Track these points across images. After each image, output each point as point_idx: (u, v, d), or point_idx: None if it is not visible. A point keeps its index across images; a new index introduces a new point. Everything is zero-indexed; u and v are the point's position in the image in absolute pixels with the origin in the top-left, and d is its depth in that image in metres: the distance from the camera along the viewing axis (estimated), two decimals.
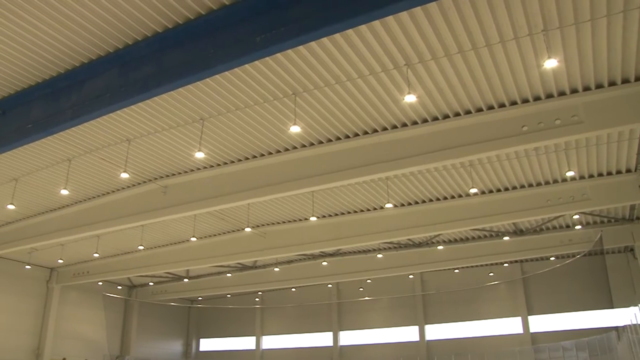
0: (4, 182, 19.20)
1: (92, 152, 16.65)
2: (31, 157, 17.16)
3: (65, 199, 20.55)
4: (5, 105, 13.97)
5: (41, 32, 11.38)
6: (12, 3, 10.58)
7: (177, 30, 11.08)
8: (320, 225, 22.37)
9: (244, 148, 16.27)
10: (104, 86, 11.98)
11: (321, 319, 37.18)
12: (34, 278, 31.68)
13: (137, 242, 25.50)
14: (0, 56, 12.23)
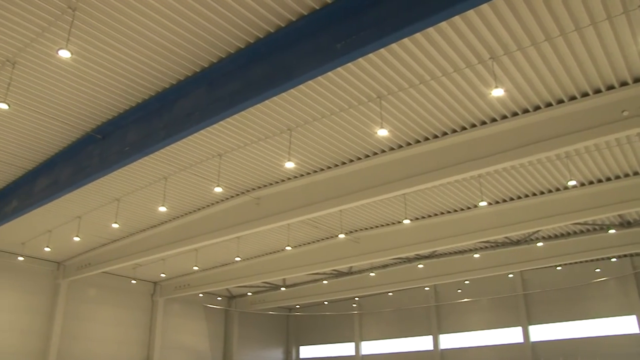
0: (107, 202, 20.28)
1: (186, 169, 17.25)
2: (130, 178, 18.03)
3: (164, 215, 21.42)
4: (105, 131, 14.79)
5: (133, 59, 12.00)
6: (108, 36, 11.19)
7: (258, 45, 11.28)
8: (413, 227, 22.05)
9: (332, 155, 16.31)
10: (193, 105, 12.39)
11: (420, 323, 36.59)
12: (140, 292, 33.27)
13: (233, 254, 26.16)
14: (100, 85, 13.01)
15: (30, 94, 13.54)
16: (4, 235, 24.08)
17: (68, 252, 27.83)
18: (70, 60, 11.98)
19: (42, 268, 29.10)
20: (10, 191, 19.41)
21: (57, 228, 23.44)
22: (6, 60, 12.29)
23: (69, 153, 16.27)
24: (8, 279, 27.77)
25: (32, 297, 28.52)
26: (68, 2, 10.46)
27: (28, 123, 14.99)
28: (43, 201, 17.18)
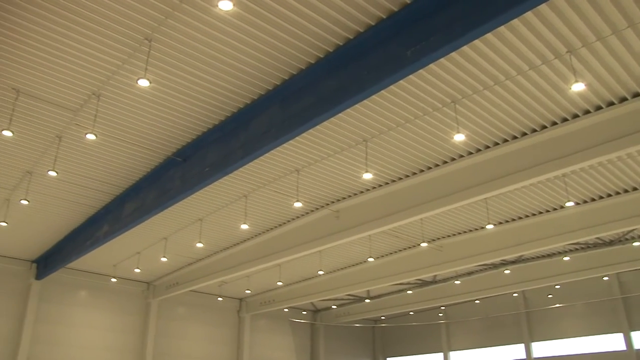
0: (191, 223, 20.90)
1: (265, 186, 17.53)
2: (212, 198, 18.51)
3: (246, 233, 21.83)
4: (185, 154, 15.27)
5: (209, 82, 12.37)
6: (183, 62, 11.59)
7: (329, 58, 11.35)
8: (497, 232, 21.42)
9: (410, 163, 16.12)
10: (268, 122, 12.59)
11: (510, 331, 35.38)
12: (226, 309, 34.01)
13: (316, 268, 26.30)
14: (178, 110, 13.48)
15: (115, 124, 14.20)
16: (98, 258, 25.29)
17: (157, 273, 28.87)
18: (149, 88, 12.50)
19: (133, 288, 30.36)
20: (101, 216, 20.38)
21: (145, 250, 24.38)
22: (92, 94, 12.95)
23: (153, 177, 16.92)
24: (103, 299, 29.20)
25: (126, 316, 29.80)
26: (144, 34, 10.92)
27: (114, 151, 15.72)
28: (131, 225, 17.92)
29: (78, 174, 17.29)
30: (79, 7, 10.30)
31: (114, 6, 10.24)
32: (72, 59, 11.79)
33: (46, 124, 14.46)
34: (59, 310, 27.80)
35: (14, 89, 12.94)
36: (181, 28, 10.73)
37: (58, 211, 20.57)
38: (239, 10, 10.17)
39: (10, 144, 15.61)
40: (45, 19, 10.67)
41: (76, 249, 22.29)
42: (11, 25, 10.92)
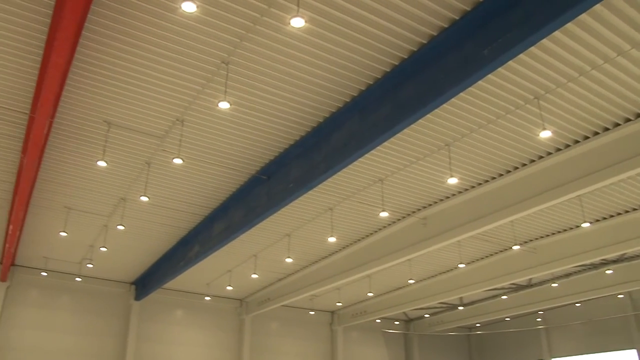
0: (279, 239, 21.20)
1: (349, 198, 17.53)
2: (297, 213, 18.71)
3: (334, 245, 21.90)
4: (269, 171, 15.54)
5: (287, 100, 12.58)
6: (261, 82, 11.84)
7: (404, 65, 11.25)
8: (595, 230, 20.36)
9: (495, 165, 15.66)
10: (349, 134, 12.61)
11: (618, 335, 33.26)
12: (319, 322, 34.17)
13: (406, 277, 26.00)
14: (259, 129, 13.79)
15: (200, 147, 14.67)
16: (191, 278, 26.12)
17: (248, 289, 29.46)
18: (230, 110, 12.84)
19: (227, 306, 31.14)
20: (192, 237, 21.07)
21: (236, 267, 24.96)
22: (176, 120, 13.46)
23: (239, 196, 17.32)
24: (199, 317, 30.16)
25: (221, 333, 30.63)
26: (221, 58, 11.24)
27: (200, 173, 16.24)
28: (221, 244, 18.41)
29: (168, 198, 17.98)
30: (159, 38, 10.76)
31: (191, 34, 10.62)
32: (155, 88, 12.32)
33: (136, 152, 15.15)
34: (158, 329, 28.99)
35: (105, 121, 13.66)
36: (256, 49, 10.97)
37: (152, 234, 21.45)
38: (311, 26, 10.28)
39: (104, 174, 16.46)
40: (128, 53, 11.22)
41: (170, 270, 23.15)
42: (100, 63, 11.57)
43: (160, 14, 10.18)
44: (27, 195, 16.02)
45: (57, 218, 19.98)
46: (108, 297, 28.47)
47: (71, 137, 14.59)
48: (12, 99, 13.06)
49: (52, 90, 10.75)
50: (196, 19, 10.22)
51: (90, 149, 15.07)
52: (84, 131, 14.23)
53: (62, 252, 24.35)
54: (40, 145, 13.05)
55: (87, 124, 13.87)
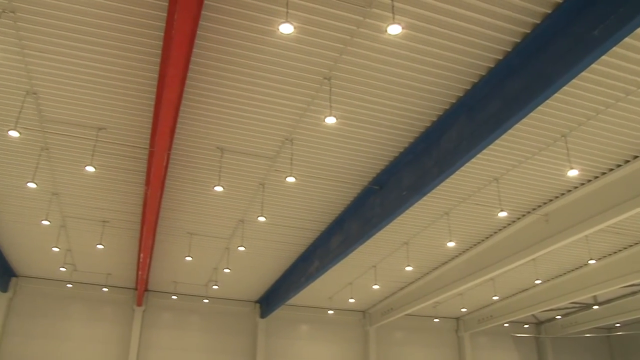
0: (397, 248, 21.06)
1: (465, 200, 17.11)
2: (413, 220, 18.50)
3: (453, 250, 21.43)
4: (381, 181, 15.52)
5: (392, 108, 12.54)
6: (364, 93, 11.89)
7: (509, 58, 10.85)
8: None
9: (619, 152, 14.63)
10: (458, 136, 12.34)
11: None
12: (444, 330, 33.47)
13: (532, 277, 24.90)
14: (368, 140, 13.83)
15: (310, 164, 14.94)
16: (314, 292, 26.54)
17: (370, 300, 29.46)
18: (337, 124, 12.99)
19: (350, 318, 31.31)
20: (311, 253, 21.42)
21: (356, 279, 25.06)
22: (285, 140, 13.80)
23: (354, 208, 17.42)
24: (323, 331, 30.60)
25: (346, 345, 30.88)
26: (323, 74, 11.41)
27: (313, 189, 16.52)
28: (339, 257, 18.56)
29: (284, 216, 18.42)
30: (261, 62, 11.13)
31: (291, 55, 10.88)
32: (262, 111, 12.73)
33: (249, 175, 15.68)
34: (284, 345, 29.70)
35: (218, 148, 14.28)
36: (357, 61, 11.04)
37: (272, 253, 22.06)
38: (409, 31, 10.20)
39: (222, 198, 17.16)
40: (234, 80, 11.70)
41: (293, 286, 23.65)
42: (209, 93, 12.17)
43: (260, 39, 10.52)
44: (154, 224, 17.02)
45: (182, 244, 21.09)
46: (235, 316, 29.63)
47: (188, 166, 15.38)
48: (132, 136, 14.01)
49: (167, 124, 11.40)
50: (294, 39, 10.46)
51: (206, 176, 15.80)
52: (199, 159, 14.96)
53: (189, 276, 25.66)
54: (161, 176, 13.86)
55: (201, 152, 14.58)
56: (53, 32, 10.59)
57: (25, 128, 13.64)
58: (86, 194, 17.54)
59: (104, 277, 26.75)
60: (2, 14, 10.15)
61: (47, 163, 15.58)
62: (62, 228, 20.35)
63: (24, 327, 26.66)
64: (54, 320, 27.20)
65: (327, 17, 9.94)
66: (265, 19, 10.03)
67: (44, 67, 11.63)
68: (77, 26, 10.41)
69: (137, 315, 28.09)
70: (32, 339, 26.49)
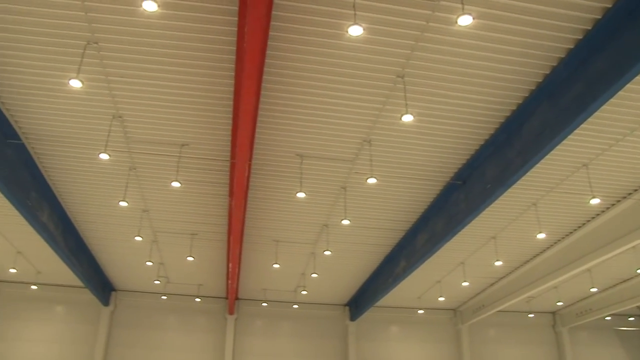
0: (484, 243, 20.53)
1: (553, 190, 16.44)
2: (499, 213, 17.96)
3: (544, 242, 20.64)
4: (463, 175, 15.20)
5: (468, 100, 12.25)
6: (439, 88, 11.69)
7: (589, 38, 10.32)
8: None
9: None
10: (541, 123, 11.89)
11: None
12: (539, 325, 32.19)
13: (633, 266, 23.60)
14: (446, 135, 13.58)
15: (390, 163, 14.83)
16: (402, 293, 26.30)
17: (460, 298, 28.87)
18: (414, 121, 12.83)
19: (441, 317, 30.80)
20: (397, 253, 21.25)
21: (445, 277, 24.64)
22: (363, 141, 13.78)
23: (438, 205, 17.14)
24: (414, 331, 30.31)
25: (439, 345, 30.46)
26: (396, 72, 11.31)
27: (395, 189, 16.39)
28: (426, 256, 18.31)
29: (368, 218, 18.37)
30: (333, 67, 11.20)
31: (362, 56, 10.86)
32: (338, 114, 12.77)
33: (330, 179, 15.75)
34: (375, 347, 29.67)
35: (297, 154, 14.44)
36: (429, 56, 10.87)
37: (357, 255, 22.06)
38: (480, 20, 9.94)
39: (304, 204, 17.33)
40: (307, 87, 11.84)
41: (380, 288, 23.55)
42: (284, 102, 12.38)
43: (330, 44, 10.56)
44: (240, 234, 17.40)
45: (269, 251, 21.45)
46: (325, 320, 29.85)
47: (269, 175, 15.64)
48: (213, 150, 14.43)
49: (246, 135, 11.63)
50: (364, 40, 10.42)
51: (288, 183, 16.00)
52: (280, 167, 15.18)
53: (277, 283, 26.07)
54: (244, 187, 14.15)
55: (281, 160, 14.79)
56: (133, 57, 11.09)
57: (114, 150, 14.32)
58: (174, 208, 18.19)
59: (195, 288, 27.66)
60: (87, 46, 10.74)
61: (136, 182, 16.27)
62: (153, 243, 21.20)
63: (125, 338, 28.06)
64: (151, 331, 28.44)
65: (396, 15, 9.85)
66: (334, 23, 10.05)
67: (127, 91, 12.19)
68: (155, 49, 10.85)
69: (230, 323, 28.84)
70: (134, 348, 27.88)
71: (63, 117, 13.31)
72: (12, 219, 18.85)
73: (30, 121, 13.58)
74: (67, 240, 19.89)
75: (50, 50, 11.02)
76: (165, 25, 10.22)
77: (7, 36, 10.70)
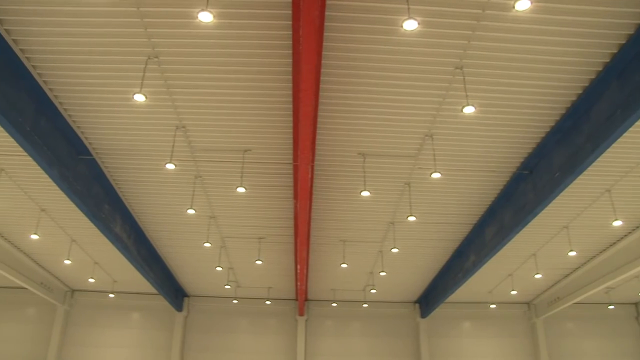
0: (555, 233, 19.85)
1: (628, 174, 15.69)
2: (570, 202, 17.31)
3: (621, 230, 19.77)
4: (530, 165, 14.77)
5: (531, 87, 11.88)
6: (498, 76, 11.39)
7: None
8: None
9: None
10: (610, 105, 11.39)
11: None
12: (621, 317, 30.64)
13: None
14: (509, 125, 13.23)
15: (454, 157, 14.58)
16: (472, 288, 25.87)
17: (534, 291, 28.05)
18: (476, 113, 12.56)
19: (514, 311, 30.00)
20: (466, 247, 20.88)
21: (516, 270, 24.01)
22: (425, 136, 13.60)
23: (505, 197, 16.73)
24: (487, 327, 29.71)
25: (513, 340, 29.56)
26: (454, 64, 11.11)
27: (460, 182, 16.09)
28: (496, 249, 17.90)
29: (434, 213, 18.13)
30: (390, 63, 11.09)
31: (418, 50, 10.72)
32: (398, 111, 12.66)
33: (394, 176, 15.63)
34: (448, 344, 29.27)
35: (359, 153, 14.40)
36: (487, 45, 10.61)
37: (425, 251, 21.81)
38: (538, 3, 9.60)
39: (369, 202, 17.27)
40: (365, 85, 11.78)
41: (450, 283, 23.18)
42: (343, 102, 12.37)
43: (385, 40, 10.47)
44: (306, 236, 17.50)
45: (336, 252, 21.49)
46: (395, 318, 29.66)
47: (332, 176, 15.66)
48: (276, 154, 14.57)
49: (307, 137, 11.67)
50: (419, 34, 10.28)
51: (352, 182, 15.98)
52: (343, 167, 15.17)
53: (346, 283, 26.09)
54: (308, 189, 14.22)
55: (344, 159, 14.79)
56: (192, 68, 11.35)
57: (179, 160, 14.69)
58: (240, 214, 18.49)
59: (265, 291, 28.03)
60: (148, 61, 11.06)
61: (202, 189, 16.63)
62: (222, 248, 21.61)
63: (199, 342, 28.82)
64: (224, 334, 29.07)
65: (450, 6, 9.66)
66: (388, 19, 9.96)
67: (188, 102, 12.48)
68: (213, 59, 11.07)
69: (301, 325, 29.07)
70: (207, 352, 28.61)
71: (129, 130, 13.76)
72: (88, 231, 19.70)
73: (99, 137, 14.11)
74: (139, 250, 20.57)
75: (113, 67, 11.42)
76: (222, 35, 10.40)
77: (75, 58, 11.16)
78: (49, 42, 10.75)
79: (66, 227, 20.05)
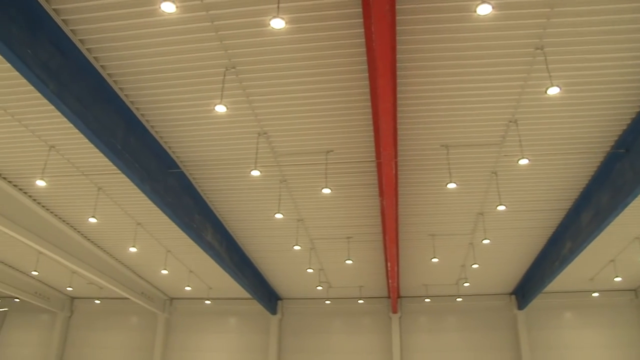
0: None
1: None
2: None
3: None
4: (625, 143, 13.91)
5: (623, 59, 11.22)
6: (589, 52, 10.89)
7: None
8: None
9: None
10: None
11: None
12: None
13: None
14: (601, 102, 12.57)
15: (541, 141, 14.06)
16: (571, 276, 24.80)
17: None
18: (562, 93, 12.02)
19: (618, 299, 28.40)
20: (561, 234, 20.06)
21: (619, 255, 22.80)
22: (509, 122, 13.20)
23: (599, 178, 15.93)
24: (590, 316, 28.27)
25: (618, 329, 27.96)
26: (534, 44, 10.70)
27: (550, 167, 15.49)
28: (594, 234, 17.04)
29: (524, 200, 17.55)
30: (466, 50, 10.85)
31: (494, 34, 10.42)
32: (479, 98, 12.35)
33: (480, 165, 15.26)
34: (549, 335, 28.20)
35: (442, 145, 14.18)
36: (567, 21, 10.12)
37: (518, 241, 21.14)
38: None
39: (456, 194, 16.94)
40: (443, 75, 11.59)
41: (547, 272, 22.35)
42: (421, 94, 12.24)
43: (459, 28, 10.25)
44: (394, 232, 17.39)
45: (426, 247, 21.23)
46: (490, 311, 28.89)
47: (417, 170, 15.49)
48: (358, 152, 14.58)
49: (389, 133, 11.60)
50: (494, 17, 9.99)
51: (436, 175, 15.74)
52: (426, 160, 14.98)
53: (438, 277, 25.72)
54: (393, 185, 14.13)
55: (427, 153, 14.60)
56: (269, 74, 11.58)
57: (264, 166, 15.00)
58: (327, 215, 18.63)
59: (357, 290, 28.07)
60: (226, 72, 11.38)
61: (288, 193, 16.88)
62: (312, 250, 21.85)
63: (294, 344, 29.33)
64: (318, 335, 29.39)
65: None
66: (460, 6, 9.75)
67: (268, 108, 12.73)
68: (288, 64, 11.25)
69: (395, 322, 28.92)
70: (303, 353, 29.07)
71: (213, 141, 14.20)
72: (181, 241, 20.50)
73: (185, 150, 14.64)
74: (231, 256, 21.15)
75: (194, 82, 11.84)
76: (295, 40, 10.54)
77: (157, 77, 11.66)
78: (132, 64, 11.30)
79: (161, 238, 20.95)
